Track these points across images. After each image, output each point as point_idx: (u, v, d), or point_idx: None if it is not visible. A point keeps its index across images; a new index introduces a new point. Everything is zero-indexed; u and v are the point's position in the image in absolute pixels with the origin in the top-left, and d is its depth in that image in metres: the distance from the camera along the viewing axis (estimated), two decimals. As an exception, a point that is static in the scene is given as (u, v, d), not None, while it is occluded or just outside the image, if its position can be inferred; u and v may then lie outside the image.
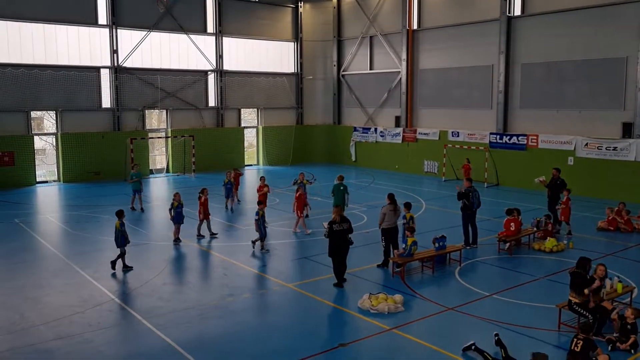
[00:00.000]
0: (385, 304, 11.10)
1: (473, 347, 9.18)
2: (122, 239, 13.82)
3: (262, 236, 15.52)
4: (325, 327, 10.89)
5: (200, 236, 17.06)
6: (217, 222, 18.75)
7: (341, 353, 9.41)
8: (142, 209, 21.17)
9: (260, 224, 15.41)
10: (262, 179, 19.99)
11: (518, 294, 12.15)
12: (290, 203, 22.05)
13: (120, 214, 14.16)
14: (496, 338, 9.34)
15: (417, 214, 20.37)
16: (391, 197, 14.28)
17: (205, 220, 17.10)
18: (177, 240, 16.33)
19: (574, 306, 10.02)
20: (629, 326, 9.64)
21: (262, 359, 9.16)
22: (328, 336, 10.38)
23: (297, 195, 18.04)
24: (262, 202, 16.53)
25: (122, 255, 13.92)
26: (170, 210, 16.34)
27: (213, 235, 17.17)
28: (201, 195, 17.17)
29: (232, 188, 20.93)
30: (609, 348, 9.34)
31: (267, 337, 10.03)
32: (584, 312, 9.91)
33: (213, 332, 10.28)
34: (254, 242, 15.79)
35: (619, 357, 9.17)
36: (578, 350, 8.73)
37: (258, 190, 19.45)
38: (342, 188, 18.22)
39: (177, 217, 16.27)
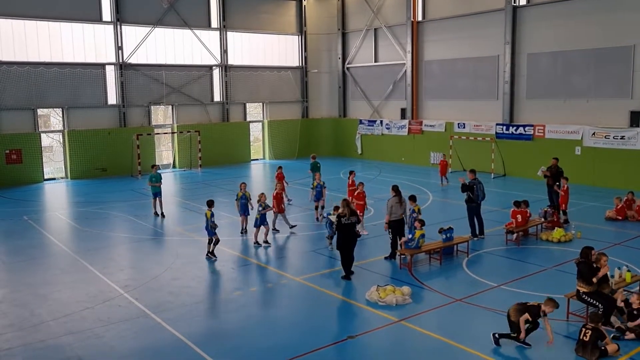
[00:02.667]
0: (393, 295, 11.11)
1: (497, 336, 9.23)
2: (210, 228, 14.30)
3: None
4: (334, 319, 10.91)
5: (274, 230, 16.88)
6: (226, 223, 18.77)
7: (350, 345, 9.44)
8: (162, 214, 19.29)
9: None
10: (352, 173, 18.86)
11: (526, 284, 12.13)
12: (297, 197, 22.09)
13: (210, 204, 14.57)
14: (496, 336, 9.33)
15: (424, 206, 20.34)
16: (395, 188, 14.27)
17: (280, 214, 16.90)
18: (244, 232, 16.29)
19: (583, 295, 9.99)
20: (635, 312, 9.62)
21: (270, 352, 9.19)
22: (336, 329, 10.40)
23: (355, 194, 17.08)
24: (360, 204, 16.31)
25: (213, 243, 14.40)
26: (255, 203, 15.76)
27: (292, 227, 17.03)
28: (275, 187, 17.21)
29: (247, 203, 16.73)
30: (611, 335, 9.30)
31: (275, 330, 10.07)
32: (593, 301, 9.88)
33: (222, 325, 10.33)
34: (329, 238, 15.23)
35: (628, 346, 9.15)
36: (587, 339, 8.74)
37: (352, 187, 18.08)
38: (318, 165, 21.86)
39: (243, 207, 16.11)
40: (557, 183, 17.82)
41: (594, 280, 9.84)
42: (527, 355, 8.99)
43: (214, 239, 14.40)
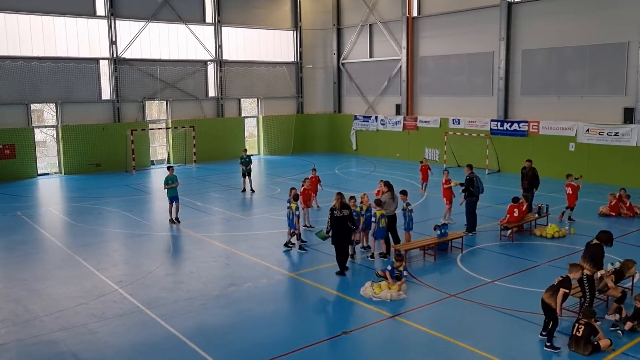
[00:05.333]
0: (387, 291, 11.13)
1: (548, 344, 9.00)
2: (292, 222, 14.47)
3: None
4: (328, 315, 10.94)
5: (309, 228, 16.49)
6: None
7: (344, 341, 9.45)
8: (177, 219, 17.72)
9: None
10: (447, 172, 17.74)
11: (520, 280, 12.18)
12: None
13: (296, 198, 14.62)
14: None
15: (419, 202, 20.44)
16: (387, 184, 14.24)
17: (306, 209, 16.59)
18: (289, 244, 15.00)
19: (584, 278, 9.89)
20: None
21: (265, 347, 9.19)
22: (331, 324, 10.41)
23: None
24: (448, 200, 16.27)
25: (293, 235, 14.56)
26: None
27: (309, 227, 16.54)
28: (302, 183, 16.94)
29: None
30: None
31: (270, 326, 10.07)
32: (586, 287, 9.88)
33: (216, 321, 10.32)
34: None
35: (622, 342, 9.21)
36: (580, 335, 8.78)
37: (447, 184, 17.33)
38: (248, 159, 22.71)
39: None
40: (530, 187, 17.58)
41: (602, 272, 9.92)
42: (521, 351, 9.03)
43: (296, 232, 14.60)
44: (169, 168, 18.74)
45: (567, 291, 9.12)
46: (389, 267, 11.93)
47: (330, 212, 12.70)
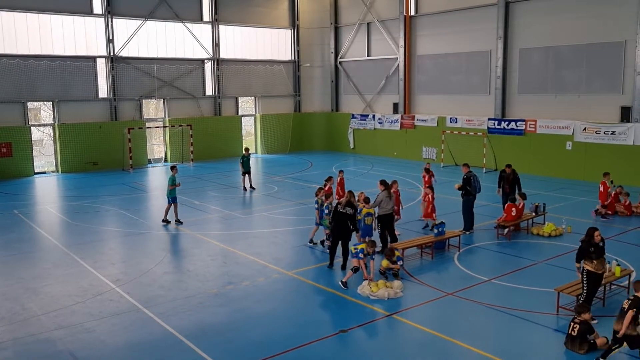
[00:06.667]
0: (384, 289, 11.15)
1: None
2: (320, 218, 14.45)
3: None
4: (326, 313, 10.92)
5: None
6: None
7: (342, 339, 9.46)
8: (178, 220, 17.38)
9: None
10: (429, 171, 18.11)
11: (517, 278, 12.20)
12: (290, 191, 22.06)
13: (327, 197, 14.67)
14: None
15: (416, 201, 20.44)
16: (384, 182, 14.29)
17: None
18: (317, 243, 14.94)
19: (584, 271, 9.95)
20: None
21: (263, 345, 9.19)
22: (328, 323, 10.40)
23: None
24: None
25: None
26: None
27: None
28: (326, 182, 16.68)
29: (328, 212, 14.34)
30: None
31: (267, 324, 10.07)
32: (584, 281, 9.90)
33: (214, 319, 10.31)
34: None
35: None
36: (575, 334, 8.78)
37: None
38: (248, 159, 22.86)
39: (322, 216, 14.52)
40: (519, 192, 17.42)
41: (594, 261, 9.90)
42: (518, 349, 9.05)
43: (326, 231, 14.46)
44: (172, 168, 17.92)
45: (636, 312, 8.47)
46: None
47: (335, 206, 12.92)
